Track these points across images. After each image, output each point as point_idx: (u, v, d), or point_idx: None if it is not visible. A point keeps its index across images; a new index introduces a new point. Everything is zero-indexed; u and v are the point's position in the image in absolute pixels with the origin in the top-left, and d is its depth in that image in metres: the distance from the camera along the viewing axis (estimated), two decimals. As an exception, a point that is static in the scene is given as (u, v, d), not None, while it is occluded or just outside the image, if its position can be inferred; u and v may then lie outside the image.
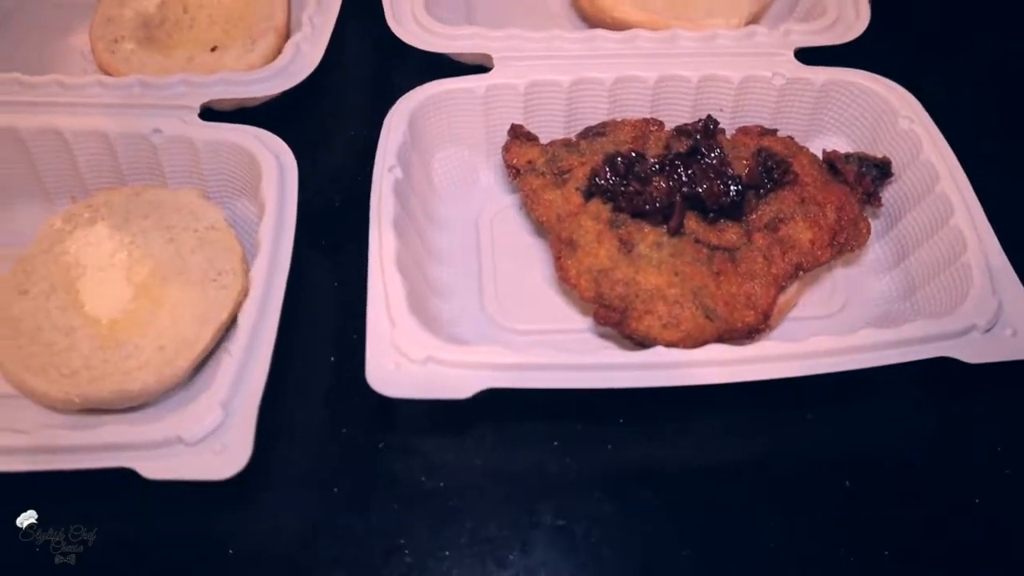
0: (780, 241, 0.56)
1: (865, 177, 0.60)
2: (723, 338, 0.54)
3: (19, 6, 0.77)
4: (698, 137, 0.59)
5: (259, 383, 0.49)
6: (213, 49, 0.70)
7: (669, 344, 0.53)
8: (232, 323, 0.55)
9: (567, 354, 0.49)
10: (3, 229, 0.63)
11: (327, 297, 0.57)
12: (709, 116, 0.60)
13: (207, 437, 0.47)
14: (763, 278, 0.55)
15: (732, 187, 0.55)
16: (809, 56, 0.65)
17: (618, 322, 0.54)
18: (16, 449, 0.47)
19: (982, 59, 0.74)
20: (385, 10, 0.67)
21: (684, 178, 0.56)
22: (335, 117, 0.67)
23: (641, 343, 0.54)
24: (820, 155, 0.61)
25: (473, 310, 0.58)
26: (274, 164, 0.58)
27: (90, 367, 0.54)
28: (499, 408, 0.50)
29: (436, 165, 0.63)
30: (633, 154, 0.58)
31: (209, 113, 0.62)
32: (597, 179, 0.57)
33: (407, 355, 0.49)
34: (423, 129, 0.61)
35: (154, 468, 0.46)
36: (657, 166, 0.57)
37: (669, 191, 0.55)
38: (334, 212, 0.60)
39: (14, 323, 0.56)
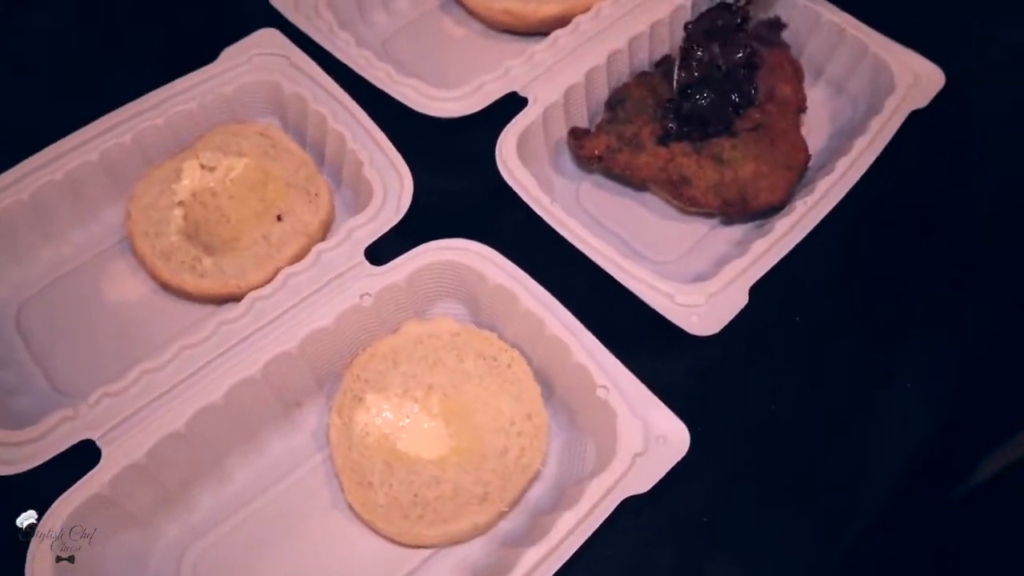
0: (781, 103, 0.80)
1: (775, 32, 0.86)
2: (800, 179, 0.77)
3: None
4: (695, 63, 0.78)
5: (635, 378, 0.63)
6: (279, 218, 0.72)
7: (782, 203, 0.75)
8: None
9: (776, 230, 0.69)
10: (254, 465, 0.65)
11: (597, 309, 0.67)
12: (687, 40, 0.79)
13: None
14: (792, 129, 0.78)
15: (744, 69, 0.77)
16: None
17: (743, 210, 0.75)
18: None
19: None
20: (404, 103, 0.75)
21: (720, 94, 0.76)
22: (451, 204, 0.76)
23: (763, 214, 0.76)
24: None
25: (641, 261, 0.74)
26: (482, 261, 0.67)
27: (489, 483, 0.61)
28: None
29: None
30: (671, 100, 0.77)
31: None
32: (671, 128, 0.75)
33: (696, 305, 0.66)
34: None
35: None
36: (699, 98, 0.76)
37: (720, 108, 0.76)
38: (534, 262, 0.69)
39: (395, 508, 0.61)
